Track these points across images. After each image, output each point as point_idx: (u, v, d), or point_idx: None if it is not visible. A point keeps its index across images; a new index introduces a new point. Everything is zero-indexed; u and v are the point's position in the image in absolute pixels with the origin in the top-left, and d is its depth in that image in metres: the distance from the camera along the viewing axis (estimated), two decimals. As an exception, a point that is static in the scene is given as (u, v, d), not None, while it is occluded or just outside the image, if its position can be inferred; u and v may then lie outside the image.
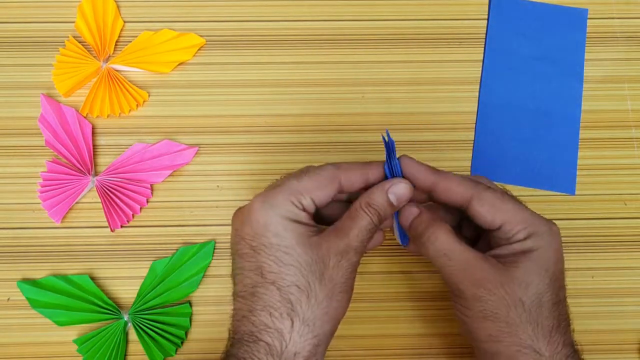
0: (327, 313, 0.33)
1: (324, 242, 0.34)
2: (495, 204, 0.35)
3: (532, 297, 0.33)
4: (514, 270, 0.34)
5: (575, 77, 0.48)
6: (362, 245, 0.35)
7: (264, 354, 0.32)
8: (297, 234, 0.34)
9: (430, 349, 0.43)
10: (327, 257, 0.34)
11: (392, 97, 0.47)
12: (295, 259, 0.33)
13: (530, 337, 0.33)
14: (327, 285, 0.33)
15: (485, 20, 0.49)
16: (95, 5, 0.48)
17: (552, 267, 0.34)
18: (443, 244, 0.35)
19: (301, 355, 0.32)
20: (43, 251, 0.44)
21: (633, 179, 0.46)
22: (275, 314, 0.33)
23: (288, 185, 0.35)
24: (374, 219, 0.35)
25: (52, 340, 0.43)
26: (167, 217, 0.45)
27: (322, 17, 0.49)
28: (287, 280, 0.33)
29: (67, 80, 0.46)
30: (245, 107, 0.47)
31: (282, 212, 0.34)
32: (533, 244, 0.34)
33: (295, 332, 0.33)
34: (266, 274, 0.34)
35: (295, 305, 0.33)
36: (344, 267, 0.34)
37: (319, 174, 0.36)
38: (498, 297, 0.33)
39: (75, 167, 0.45)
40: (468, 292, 0.34)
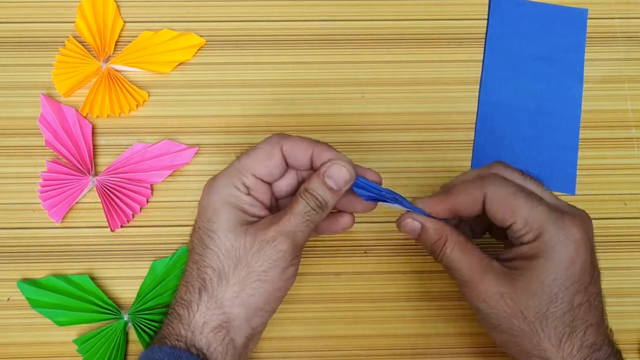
0: (237, 297, 0.34)
1: (251, 229, 0.35)
2: (506, 201, 0.33)
3: (535, 308, 0.33)
4: (517, 280, 0.33)
5: (575, 77, 0.48)
6: (296, 232, 0.34)
7: (176, 323, 0.34)
8: (227, 219, 0.35)
9: (430, 349, 0.43)
10: (250, 243, 0.34)
11: (392, 97, 0.47)
12: (216, 244, 0.34)
13: (535, 347, 0.33)
14: (241, 271, 0.34)
15: (485, 20, 0.49)
16: (95, 5, 0.48)
17: (562, 274, 0.32)
18: (446, 258, 0.35)
19: (209, 325, 0.34)
20: (43, 251, 0.44)
21: (633, 179, 0.46)
22: (190, 288, 0.35)
23: (231, 166, 0.36)
24: (311, 203, 0.35)
25: (52, 340, 0.43)
26: (167, 217, 0.45)
27: (322, 17, 0.49)
28: (205, 262, 0.35)
29: (67, 80, 0.46)
30: (245, 107, 0.47)
31: (222, 197, 0.35)
32: (543, 246, 0.33)
33: (202, 304, 0.34)
34: (192, 255, 0.36)
35: (207, 283, 0.34)
36: (267, 254, 0.34)
37: (260, 146, 0.36)
38: (498, 310, 0.33)
39: (75, 167, 0.45)
40: (472, 303, 0.35)
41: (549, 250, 0.33)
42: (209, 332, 0.34)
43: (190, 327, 0.34)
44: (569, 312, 0.33)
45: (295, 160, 0.36)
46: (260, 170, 0.36)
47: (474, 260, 0.34)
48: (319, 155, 0.36)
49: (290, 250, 0.34)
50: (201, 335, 0.34)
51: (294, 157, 0.36)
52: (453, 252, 0.35)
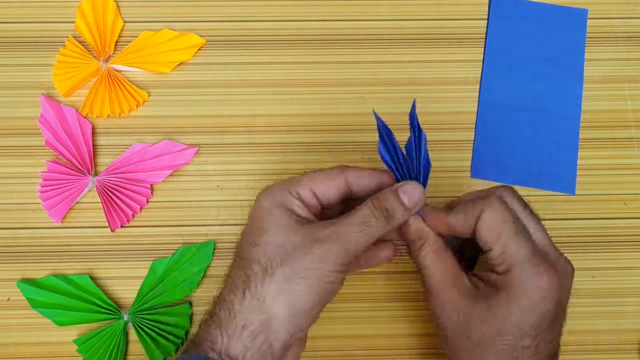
0: (280, 293, 0.32)
1: (303, 229, 0.33)
2: (495, 226, 0.34)
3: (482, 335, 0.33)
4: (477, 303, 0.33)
5: (575, 77, 0.48)
6: (350, 238, 0.33)
7: (214, 327, 0.32)
8: (278, 218, 0.34)
9: (430, 349, 0.43)
10: (301, 240, 0.33)
11: (392, 97, 0.47)
12: (264, 240, 0.33)
13: None
14: (287, 267, 0.32)
15: (485, 20, 0.49)
16: (95, 5, 0.48)
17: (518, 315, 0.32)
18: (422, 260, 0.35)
19: (248, 328, 0.32)
20: (43, 251, 0.44)
21: (633, 179, 0.46)
22: (233, 289, 0.33)
23: (291, 178, 0.36)
24: (376, 213, 0.34)
25: (52, 340, 0.43)
26: (167, 217, 0.45)
27: (322, 17, 0.49)
28: (252, 258, 0.33)
29: (67, 80, 0.46)
30: (245, 107, 0.47)
31: (274, 198, 0.34)
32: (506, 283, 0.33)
33: (245, 304, 0.32)
34: (241, 254, 0.34)
35: (251, 279, 0.33)
36: (315, 254, 0.32)
37: (325, 169, 0.36)
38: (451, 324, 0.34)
39: (75, 167, 0.45)
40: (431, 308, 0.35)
41: (512, 289, 0.33)
42: (247, 336, 0.32)
43: (228, 332, 0.32)
44: (512, 351, 0.33)
45: (360, 188, 0.36)
46: (318, 187, 0.35)
47: (445, 270, 0.35)
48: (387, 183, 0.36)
49: (341, 255, 0.33)
50: (238, 340, 0.32)
51: (360, 184, 0.36)
52: (428, 255, 0.35)
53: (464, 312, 0.34)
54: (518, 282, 0.33)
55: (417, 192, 0.35)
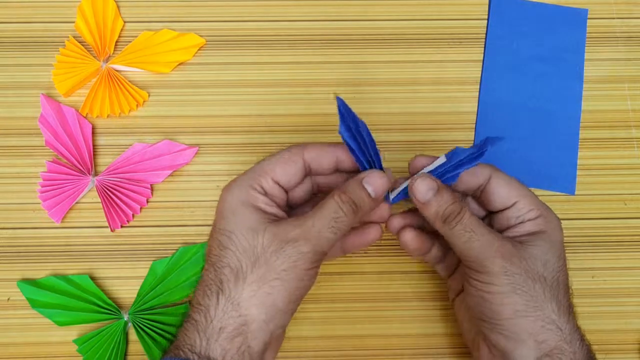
0: (254, 296, 0.32)
1: (271, 228, 0.33)
2: (511, 182, 0.36)
3: (551, 274, 0.34)
4: (532, 248, 0.35)
5: (575, 77, 0.48)
6: (320, 237, 0.33)
7: (192, 331, 0.33)
8: (244, 218, 0.34)
9: (430, 349, 0.43)
10: (270, 242, 0.33)
11: (392, 97, 0.47)
12: (233, 243, 0.33)
13: (555, 312, 0.33)
14: (259, 269, 0.33)
15: (485, 20, 0.49)
16: (95, 5, 0.48)
17: (561, 251, 0.35)
18: (471, 222, 0.35)
19: (225, 330, 0.32)
20: (43, 251, 0.44)
21: (633, 179, 0.46)
22: (207, 292, 0.33)
23: (251, 169, 0.36)
24: (344, 207, 0.34)
25: (52, 340, 0.43)
26: (167, 217, 0.45)
27: (322, 17, 0.49)
28: (223, 262, 0.33)
29: (67, 80, 0.46)
30: (245, 107, 0.47)
31: (239, 197, 0.35)
32: (544, 225, 0.36)
33: (220, 309, 0.32)
34: (210, 257, 0.34)
35: (224, 284, 0.33)
36: (287, 254, 0.33)
37: (280, 152, 0.36)
38: (524, 271, 0.34)
39: (75, 167, 0.45)
40: (497, 266, 0.34)
41: (552, 228, 0.36)
42: (225, 338, 0.32)
43: (206, 335, 0.32)
44: (567, 287, 0.35)
45: (319, 165, 0.36)
46: (279, 174, 0.35)
47: (490, 229, 0.35)
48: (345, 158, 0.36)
49: (311, 254, 0.33)
50: (216, 343, 0.32)
51: (317, 161, 0.36)
52: (471, 220, 0.35)
53: (527, 259, 0.34)
54: (551, 223, 0.36)
55: (380, 182, 0.35)
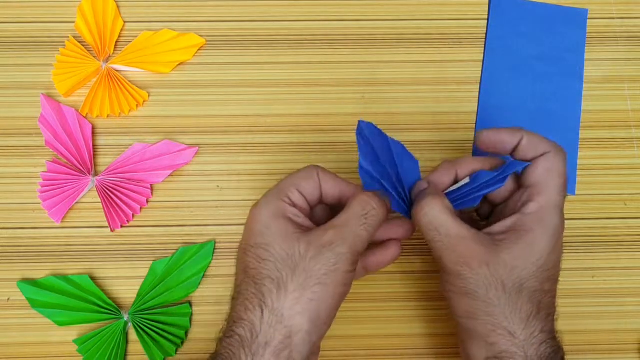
0: (297, 304, 0.32)
1: (305, 237, 0.34)
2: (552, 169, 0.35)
3: (514, 280, 0.33)
4: (503, 251, 0.34)
5: (575, 77, 0.48)
6: (354, 236, 0.34)
7: (237, 347, 0.32)
8: (279, 230, 0.34)
9: (430, 349, 0.43)
10: (306, 249, 0.33)
11: (392, 97, 0.47)
12: (271, 254, 0.33)
13: (507, 318, 0.33)
14: (300, 277, 0.33)
15: (485, 20, 0.49)
16: (95, 5, 0.48)
17: (544, 257, 0.34)
18: (435, 218, 0.35)
19: (271, 345, 0.32)
20: (43, 251, 0.44)
21: (633, 179, 0.46)
22: (249, 306, 0.33)
23: (275, 186, 0.36)
24: (373, 201, 0.35)
25: (52, 340, 0.43)
26: (167, 217, 0.45)
27: (322, 17, 0.49)
28: (263, 274, 0.33)
29: (67, 80, 0.46)
30: (245, 107, 0.47)
31: (270, 210, 0.35)
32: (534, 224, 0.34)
33: (265, 323, 0.32)
34: (248, 271, 0.34)
35: (266, 296, 0.33)
36: (325, 258, 0.33)
37: (299, 170, 0.37)
38: (480, 276, 0.33)
39: (75, 167, 0.45)
40: (451, 267, 0.34)
41: (542, 230, 0.34)
42: (270, 353, 0.32)
43: (252, 351, 0.32)
44: (539, 293, 0.34)
45: (326, 192, 0.37)
46: (303, 186, 0.36)
47: (462, 226, 0.35)
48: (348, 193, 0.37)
49: (349, 254, 0.33)
50: (262, 358, 0.32)
51: (325, 188, 0.37)
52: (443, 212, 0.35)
53: (493, 262, 0.34)
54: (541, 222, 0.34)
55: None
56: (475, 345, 0.34)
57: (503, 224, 0.35)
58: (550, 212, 0.35)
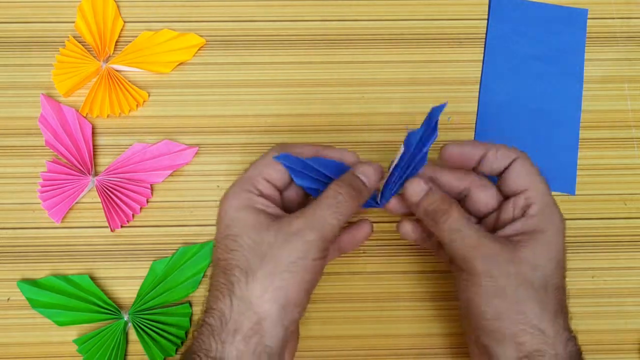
0: (266, 291, 0.32)
1: (274, 224, 0.34)
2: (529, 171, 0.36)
3: (539, 278, 0.34)
4: (523, 250, 0.34)
5: (575, 77, 0.48)
6: (324, 224, 0.34)
7: (207, 335, 0.33)
8: (247, 221, 0.34)
9: (430, 349, 0.43)
10: (275, 237, 0.33)
11: (392, 97, 0.47)
12: (240, 245, 0.34)
13: (537, 316, 0.33)
14: (268, 264, 0.33)
15: (485, 20, 0.49)
16: (95, 5, 0.48)
17: (558, 254, 0.35)
18: (458, 221, 0.35)
19: (240, 331, 0.32)
20: (43, 251, 0.44)
21: (633, 179, 0.46)
22: (219, 296, 0.33)
23: (242, 176, 0.36)
24: (343, 190, 0.35)
25: (52, 340, 0.43)
26: (167, 217, 0.45)
27: (322, 17, 0.49)
28: (231, 264, 0.33)
29: (67, 80, 0.46)
30: (245, 107, 0.47)
31: (237, 203, 0.35)
32: (542, 225, 0.35)
33: (234, 310, 0.32)
34: (219, 263, 0.34)
35: (235, 285, 0.33)
36: (293, 245, 0.33)
37: (265, 154, 0.37)
38: (508, 274, 0.33)
39: (75, 167, 0.45)
40: (480, 267, 0.34)
41: (552, 229, 0.35)
42: (240, 340, 0.32)
43: (222, 338, 0.32)
44: (560, 291, 0.35)
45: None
46: (270, 173, 0.36)
47: (478, 228, 0.35)
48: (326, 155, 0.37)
49: (318, 242, 0.33)
50: (232, 345, 0.32)
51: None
52: (460, 218, 0.35)
53: (516, 262, 0.34)
54: (553, 224, 0.35)
55: (373, 171, 0.36)
56: (504, 347, 0.33)
57: (513, 228, 0.35)
58: (552, 210, 0.36)
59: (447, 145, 0.38)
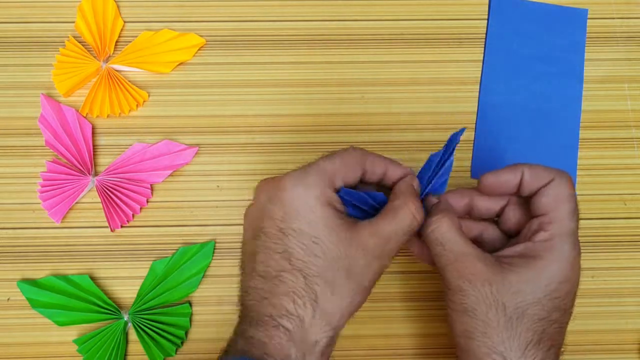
0: (347, 307, 0.33)
1: (356, 239, 0.33)
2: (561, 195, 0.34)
3: (516, 304, 0.33)
4: (509, 274, 0.33)
5: (575, 77, 0.48)
6: (397, 248, 0.34)
7: (285, 340, 0.31)
8: (328, 222, 0.33)
9: (430, 349, 0.43)
10: (358, 256, 0.33)
11: (392, 97, 0.47)
12: (323, 251, 0.32)
13: (503, 342, 0.32)
14: (353, 282, 0.33)
15: (485, 20, 0.49)
16: (95, 5, 0.48)
17: (553, 284, 0.33)
18: (442, 234, 0.34)
19: (320, 344, 0.32)
20: (43, 251, 0.44)
21: (633, 179, 0.46)
22: (299, 302, 0.32)
23: (322, 166, 0.34)
24: (419, 216, 0.34)
25: (52, 340, 0.43)
26: (167, 217, 0.45)
27: (322, 17, 0.49)
28: (314, 270, 0.32)
29: (67, 80, 0.46)
30: (245, 107, 0.47)
31: (315, 194, 0.33)
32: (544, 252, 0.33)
33: (315, 322, 0.32)
34: (294, 261, 0.33)
35: (319, 296, 0.32)
36: (374, 268, 0.33)
37: (349, 154, 0.35)
38: (481, 294, 0.33)
39: (75, 167, 0.45)
40: (453, 283, 0.34)
41: (556, 259, 0.33)
42: (319, 352, 0.32)
43: (302, 348, 0.31)
44: (543, 322, 0.33)
45: (372, 174, 0.36)
46: (349, 178, 0.35)
47: (468, 243, 0.34)
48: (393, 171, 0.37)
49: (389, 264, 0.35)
50: (311, 356, 0.32)
51: (372, 171, 0.36)
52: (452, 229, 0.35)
53: (496, 283, 0.33)
54: (559, 253, 0.33)
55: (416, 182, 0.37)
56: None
57: (512, 249, 0.35)
58: (562, 240, 0.34)
59: (484, 176, 0.36)
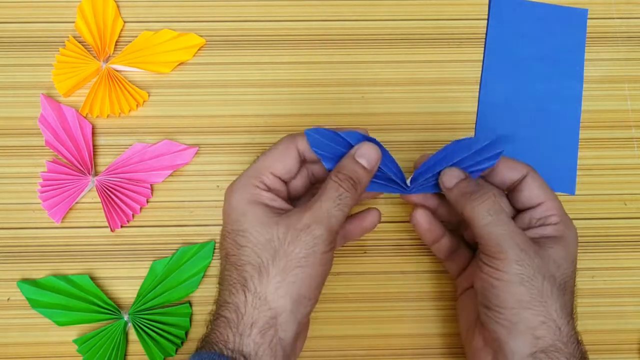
0: (280, 287, 0.33)
1: (283, 220, 0.35)
2: (542, 185, 0.38)
3: (561, 277, 0.35)
4: (548, 249, 0.35)
5: (575, 77, 0.48)
6: (330, 217, 0.34)
7: (223, 328, 0.34)
8: (255, 216, 0.35)
9: (430, 349, 0.43)
10: (285, 233, 0.34)
11: (392, 97, 0.47)
12: (249, 240, 0.34)
13: (557, 311, 0.34)
14: (280, 261, 0.34)
15: (485, 20, 0.49)
16: (95, 5, 0.48)
17: (573, 259, 0.36)
18: (494, 206, 0.35)
19: (257, 325, 0.33)
20: (43, 251, 0.44)
21: (633, 179, 0.46)
22: (233, 290, 0.34)
23: (250, 168, 0.37)
24: (343, 184, 0.35)
25: (52, 340, 0.43)
26: (167, 217, 0.45)
27: (322, 17, 0.49)
28: (243, 260, 0.34)
29: (67, 80, 0.46)
30: (245, 107, 0.47)
31: (244, 196, 0.36)
32: (563, 232, 0.36)
33: (249, 305, 0.33)
34: (229, 258, 0.35)
35: (248, 281, 0.34)
36: (303, 241, 0.34)
37: (275, 146, 0.37)
38: (536, 266, 0.34)
39: (75, 167, 0.45)
40: (510, 253, 0.34)
41: (571, 236, 0.36)
42: (257, 333, 0.33)
43: (239, 331, 0.33)
44: (573, 294, 0.36)
45: (311, 156, 0.37)
46: (278, 168, 0.36)
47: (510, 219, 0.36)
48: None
49: (325, 235, 0.34)
50: (249, 338, 0.33)
51: (310, 155, 0.37)
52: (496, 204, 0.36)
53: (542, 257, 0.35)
54: (570, 232, 0.37)
55: (372, 152, 0.36)
56: (518, 340, 0.33)
57: (535, 232, 0.37)
58: (568, 220, 0.37)
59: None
